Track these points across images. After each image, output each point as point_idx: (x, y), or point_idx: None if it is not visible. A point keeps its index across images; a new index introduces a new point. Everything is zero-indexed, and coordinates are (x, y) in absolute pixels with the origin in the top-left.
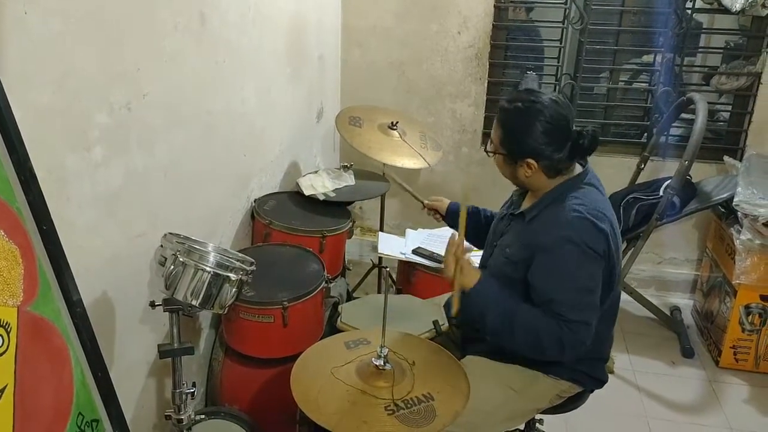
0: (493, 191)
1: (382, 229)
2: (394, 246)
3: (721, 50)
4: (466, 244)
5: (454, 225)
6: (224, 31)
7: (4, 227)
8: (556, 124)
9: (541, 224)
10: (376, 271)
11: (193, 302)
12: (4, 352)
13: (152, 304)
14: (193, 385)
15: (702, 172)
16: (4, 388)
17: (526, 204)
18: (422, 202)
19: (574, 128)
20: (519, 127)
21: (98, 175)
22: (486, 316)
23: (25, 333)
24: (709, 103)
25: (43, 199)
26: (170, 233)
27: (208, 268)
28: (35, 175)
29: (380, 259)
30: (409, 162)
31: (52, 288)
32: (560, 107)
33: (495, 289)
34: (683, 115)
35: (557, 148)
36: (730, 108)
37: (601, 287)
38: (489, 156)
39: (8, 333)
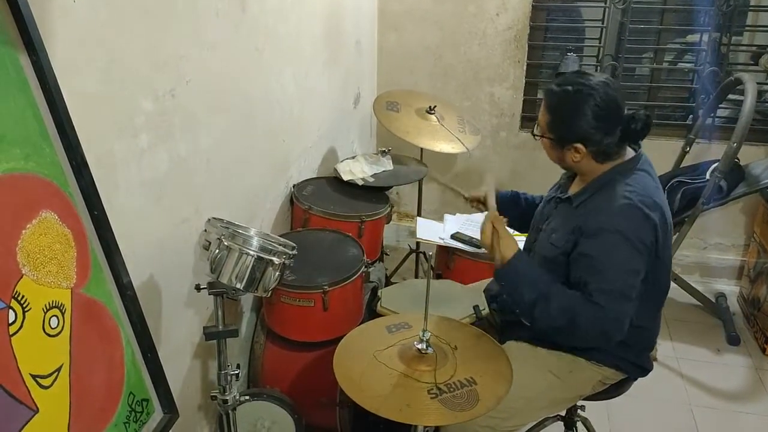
0: (533, 174)
1: (419, 214)
2: (433, 231)
3: None
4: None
5: (516, 226)
6: (263, 17)
7: (58, 212)
8: (607, 108)
9: (590, 211)
10: (413, 256)
11: (238, 285)
12: (59, 333)
13: (197, 288)
14: (238, 366)
15: (750, 155)
16: (60, 367)
17: (574, 188)
18: (464, 196)
19: (626, 112)
20: (567, 112)
21: (144, 161)
22: (522, 288)
23: (79, 314)
24: (757, 83)
25: (95, 184)
26: (214, 218)
27: (251, 252)
28: (86, 161)
29: (418, 244)
30: (447, 147)
31: (104, 271)
32: (611, 90)
33: (533, 264)
34: (730, 96)
35: (607, 133)
36: None
37: (648, 277)
38: (536, 139)
39: (63, 314)
